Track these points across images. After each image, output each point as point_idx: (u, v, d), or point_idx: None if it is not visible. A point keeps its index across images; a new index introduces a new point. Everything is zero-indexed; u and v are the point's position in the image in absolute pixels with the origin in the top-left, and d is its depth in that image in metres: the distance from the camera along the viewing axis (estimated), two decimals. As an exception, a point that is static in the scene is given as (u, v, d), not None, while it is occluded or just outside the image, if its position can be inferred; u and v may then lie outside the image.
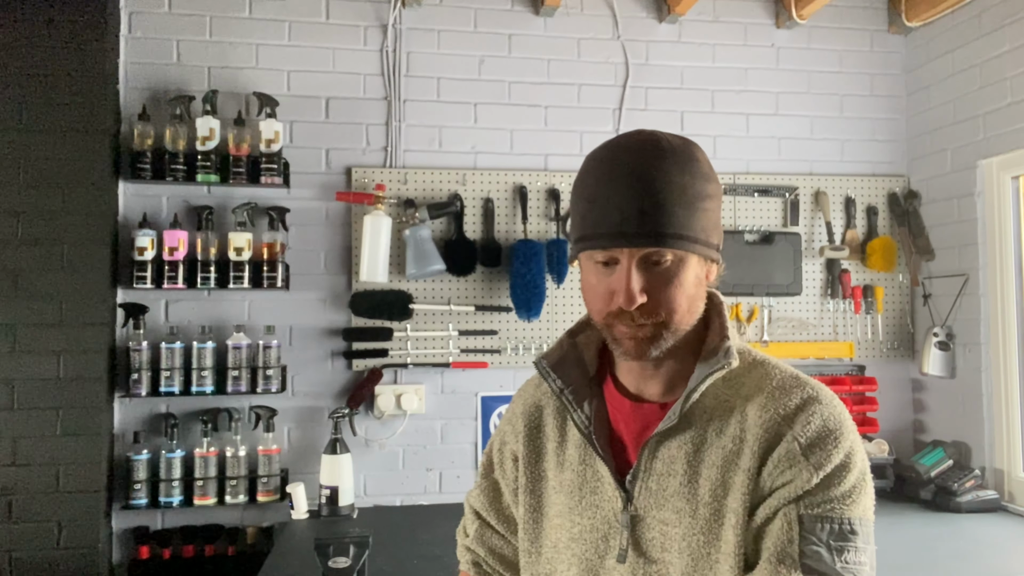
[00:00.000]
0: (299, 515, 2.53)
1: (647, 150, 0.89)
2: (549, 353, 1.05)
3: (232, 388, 2.59)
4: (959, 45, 2.87)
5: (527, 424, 1.09)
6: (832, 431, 0.89)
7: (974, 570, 2.10)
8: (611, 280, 0.90)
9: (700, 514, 0.91)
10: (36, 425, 2.46)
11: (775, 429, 0.89)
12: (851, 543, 0.85)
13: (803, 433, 0.88)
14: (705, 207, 0.90)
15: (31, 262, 2.49)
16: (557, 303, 2.87)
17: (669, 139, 0.91)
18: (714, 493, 0.90)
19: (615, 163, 0.89)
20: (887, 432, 3.00)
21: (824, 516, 0.85)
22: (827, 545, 0.84)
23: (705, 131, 3.03)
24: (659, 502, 0.93)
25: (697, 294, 0.93)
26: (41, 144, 2.51)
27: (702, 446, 0.92)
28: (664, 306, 0.89)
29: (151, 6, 2.72)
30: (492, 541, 1.17)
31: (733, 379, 0.95)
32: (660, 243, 0.87)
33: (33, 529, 2.44)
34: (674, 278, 0.89)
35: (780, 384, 0.93)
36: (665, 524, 0.93)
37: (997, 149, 2.69)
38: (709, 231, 0.91)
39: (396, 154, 2.85)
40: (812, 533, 0.85)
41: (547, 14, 2.95)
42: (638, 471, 0.95)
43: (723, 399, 0.94)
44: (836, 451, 0.88)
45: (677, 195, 0.87)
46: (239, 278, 2.60)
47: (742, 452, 0.90)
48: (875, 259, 3.00)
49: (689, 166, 0.89)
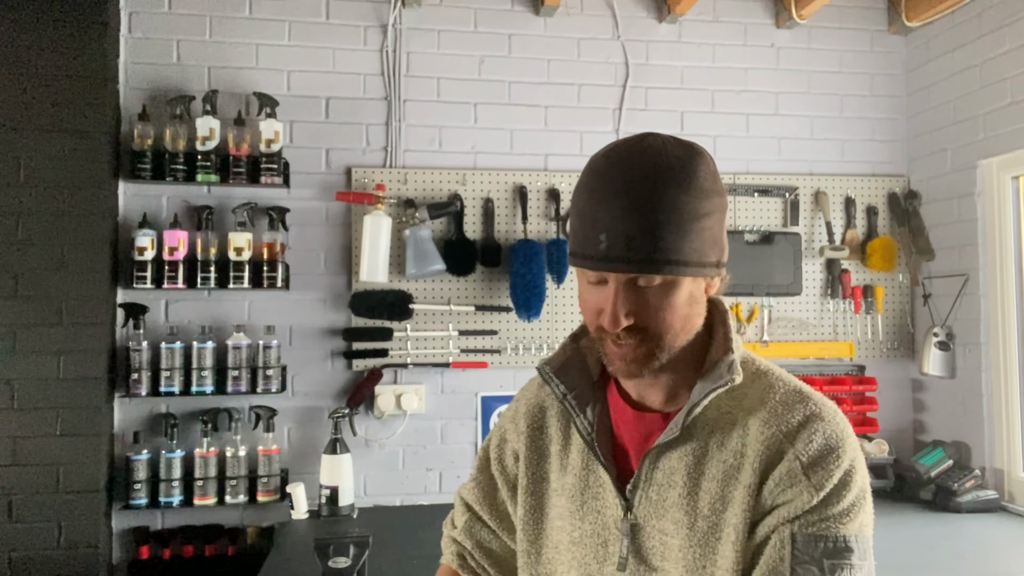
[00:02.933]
0: (299, 515, 2.53)
1: (644, 166, 0.85)
2: (552, 358, 1.05)
3: (232, 388, 2.59)
4: (959, 45, 2.87)
5: (529, 424, 1.09)
6: (833, 448, 0.87)
7: (974, 570, 2.10)
8: (600, 298, 0.89)
9: (698, 527, 0.90)
10: (36, 425, 2.46)
11: (776, 446, 0.88)
12: (846, 560, 0.84)
13: (805, 452, 0.87)
14: (701, 227, 0.86)
15: (31, 262, 2.49)
16: (557, 303, 2.87)
17: (671, 151, 0.87)
18: (712, 507, 0.90)
19: (609, 179, 0.86)
20: (887, 432, 3.00)
21: (818, 535, 0.85)
22: (819, 564, 0.84)
23: (705, 131, 3.03)
24: (658, 512, 0.93)
25: (692, 312, 0.91)
26: (41, 144, 2.51)
27: (703, 459, 0.92)
28: (652, 329, 0.88)
29: (151, 6, 2.72)
30: (481, 535, 1.16)
31: (736, 391, 0.94)
32: (647, 270, 0.84)
33: (33, 529, 2.44)
34: (663, 300, 0.87)
35: (783, 399, 0.92)
36: (664, 534, 0.93)
37: (997, 149, 2.69)
38: (705, 251, 0.88)
39: (396, 154, 2.85)
40: (805, 552, 0.84)
41: (547, 14, 2.95)
42: (639, 480, 0.95)
43: (725, 411, 0.93)
44: (836, 469, 0.87)
45: (669, 218, 0.84)
46: (239, 278, 2.60)
47: (742, 467, 0.89)
48: (875, 259, 3.00)
49: (687, 183, 0.85)
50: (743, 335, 2.97)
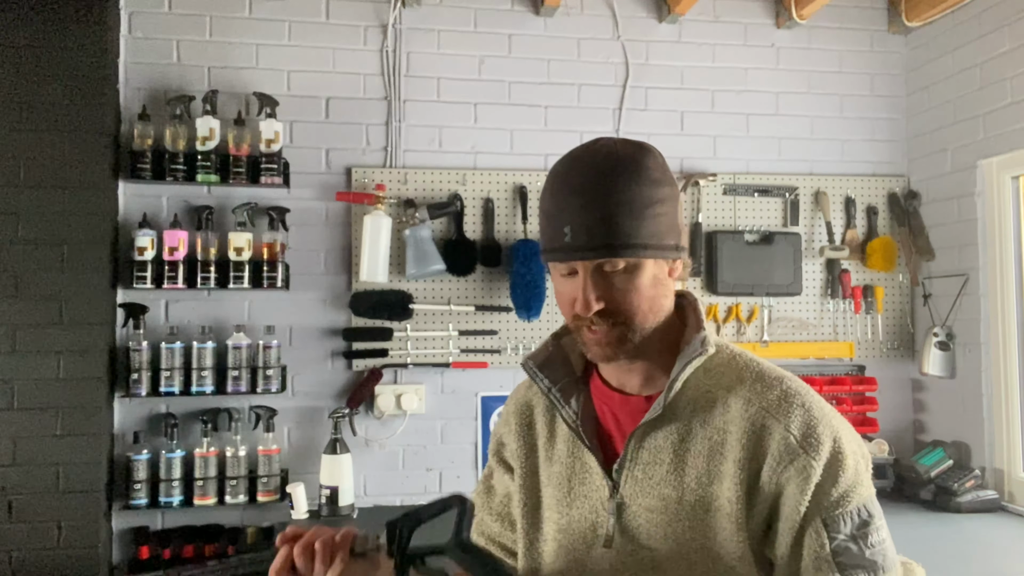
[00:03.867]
0: (299, 515, 2.53)
1: (597, 164, 0.94)
2: (535, 354, 1.10)
3: (232, 388, 2.58)
4: (959, 45, 2.86)
5: (519, 422, 1.13)
6: (818, 419, 0.93)
7: (974, 570, 2.10)
8: (571, 288, 0.96)
9: (685, 500, 0.94)
10: (36, 425, 2.46)
11: (761, 420, 0.93)
12: (870, 525, 0.91)
13: (793, 426, 0.92)
14: (655, 212, 0.94)
15: (31, 262, 2.49)
16: (557, 303, 2.87)
17: (620, 150, 0.96)
18: (699, 481, 0.94)
19: (567, 179, 0.96)
20: (887, 432, 3.00)
21: (843, 513, 0.90)
22: (852, 537, 0.90)
23: (705, 131, 3.03)
24: (644, 490, 0.97)
25: (657, 293, 0.97)
26: (41, 144, 2.50)
27: (687, 436, 0.97)
28: (622, 310, 0.95)
29: (151, 6, 2.72)
30: (491, 529, 1.18)
31: (713, 370, 0.99)
32: (610, 254, 0.92)
33: (33, 529, 2.44)
34: (628, 283, 0.94)
35: (758, 377, 0.98)
36: (651, 511, 0.96)
37: (997, 149, 2.69)
38: (662, 234, 0.95)
39: (396, 154, 2.85)
40: (838, 532, 0.90)
41: (547, 14, 2.95)
42: (624, 460, 0.99)
43: (704, 389, 0.98)
44: (827, 438, 0.92)
45: (625, 207, 0.92)
46: (239, 278, 2.60)
47: (727, 442, 0.94)
48: (875, 259, 3.00)
49: (637, 175, 0.93)
50: (743, 335, 2.97)
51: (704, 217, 2.97)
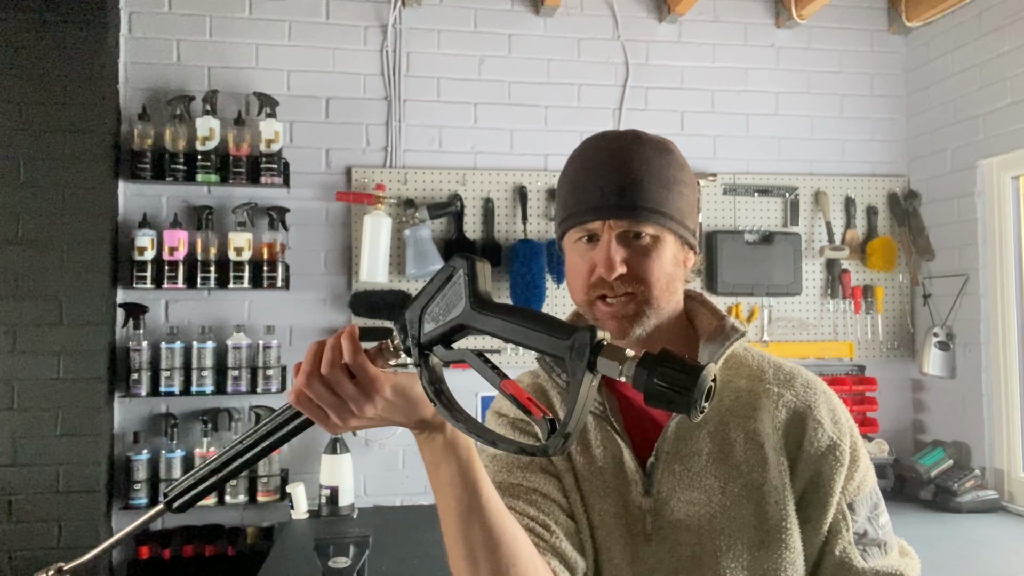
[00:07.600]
0: (299, 515, 2.53)
1: (626, 137, 0.97)
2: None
3: (232, 388, 2.59)
4: (959, 45, 2.86)
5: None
6: (836, 407, 0.99)
7: (974, 570, 2.10)
8: (593, 254, 0.94)
9: (729, 490, 0.94)
10: (36, 425, 2.46)
11: (792, 408, 0.97)
12: (878, 508, 0.98)
13: (822, 413, 0.97)
14: (681, 191, 0.95)
15: (31, 262, 2.49)
16: (557, 303, 2.87)
17: (646, 135, 0.98)
18: (740, 469, 0.95)
19: (596, 150, 0.97)
20: (887, 432, 3.00)
21: (863, 497, 0.96)
22: (868, 520, 0.96)
23: (705, 131, 3.03)
24: (684, 483, 0.95)
25: (675, 274, 0.97)
26: (41, 144, 2.51)
27: (722, 426, 0.97)
28: (643, 278, 0.93)
29: (151, 6, 2.72)
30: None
31: (729, 361, 1.01)
32: (638, 216, 0.92)
33: (33, 529, 2.44)
34: (652, 252, 0.94)
35: (777, 366, 1.01)
36: (692, 504, 0.94)
37: (997, 149, 2.69)
38: (685, 213, 0.96)
39: (396, 154, 2.85)
40: (859, 515, 0.95)
41: (547, 14, 2.95)
42: (660, 454, 0.96)
43: (726, 380, 0.99)
44: (848, 429, 0.98)
45: (655, 174, 0.94)
46: (239, 278, 2.60)
47: (760, 430, 0.96)
48: (875, 259, 3.00)
49: (665, 155, 0.96)
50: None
51: (704, 217, 2.97)
